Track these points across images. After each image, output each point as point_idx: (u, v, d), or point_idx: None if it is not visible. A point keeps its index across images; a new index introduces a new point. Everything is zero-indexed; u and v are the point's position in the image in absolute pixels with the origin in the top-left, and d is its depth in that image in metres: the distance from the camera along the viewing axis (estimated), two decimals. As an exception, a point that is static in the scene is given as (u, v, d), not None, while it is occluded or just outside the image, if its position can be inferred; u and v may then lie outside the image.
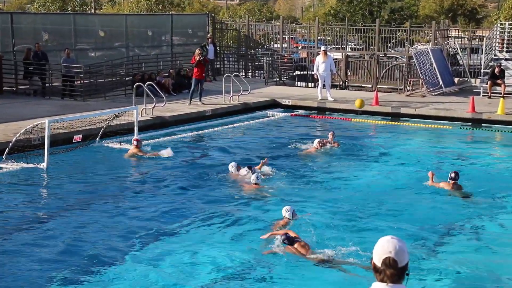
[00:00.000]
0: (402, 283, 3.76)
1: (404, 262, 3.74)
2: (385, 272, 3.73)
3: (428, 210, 11.65)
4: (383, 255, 3.74)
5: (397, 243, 3.75)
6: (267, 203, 11.81)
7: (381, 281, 3.77)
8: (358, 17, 39.66)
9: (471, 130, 20.32)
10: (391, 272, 3.72)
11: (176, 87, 24.84)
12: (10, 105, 20.26)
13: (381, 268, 3.74)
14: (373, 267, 3.80)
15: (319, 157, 15.78)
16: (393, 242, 3.75)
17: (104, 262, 8.93)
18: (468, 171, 14.62)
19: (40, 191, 12.61)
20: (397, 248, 3.73)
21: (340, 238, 9.91)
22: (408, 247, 3.76)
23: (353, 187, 13.16)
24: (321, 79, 23.71)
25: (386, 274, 3.73)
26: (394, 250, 3.72)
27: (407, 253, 3.77)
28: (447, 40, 29.10)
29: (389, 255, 3.73)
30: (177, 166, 14.43)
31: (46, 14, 27.63)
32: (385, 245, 3.76)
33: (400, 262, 3.72)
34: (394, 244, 3.74)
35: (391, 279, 3.73)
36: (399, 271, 3.73)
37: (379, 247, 3.78)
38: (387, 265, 3.73)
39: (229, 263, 9.01)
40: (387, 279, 3.74)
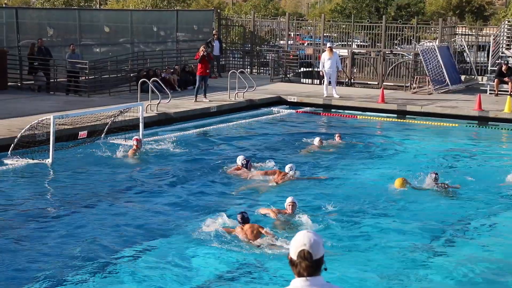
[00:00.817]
0: (319, 275, 3.86)
1: (319, 255, 3.85)
2: (301, 264, 3.84)
3: (431, 208, 11.68)
4: (298, 248, 3.85)
5: (312, 236, 3.87)
6: (273, 200, 11.87)
7: (298, 274, 3.86)
8: (364, 14, 39.65)
9: (478, 128, 20.31)
10: (306, 264, 3.83)
11: (181, 83, 24.88)
12: (14, 100, 20.34)
13: (297, 261, 3.85)
14: (289, 262, 3.89)
15: (323, 155, 15.80)
16: (308, 236, 3.87)
17: (108, 259, 8.98)
18: (474, 170, 14.63)
19: (45, 188, 12.66)
20: (312, 241, 3.85)
21: (340, 235, 9.96)
22: (410, 245, 3.83)
23: (356, 184, 13.18)
24: (326, 76, 23.73)
25: (302, 267, 3.84)
26: (309, 243, 3.84)
27: (322, 246, 3.88)
28: (454, 37, 29.06)
29: (304, 247, 3.84)
30: (181, 164, 14.47)
31: (51, 10, 27.69)
32: (300, 239, 3.87)
33: (315, 254, 3.83)
34: (309, 237, 3.86)
35: (307, 271, 3.83)
36: (314, 264, 3.84)
37: (294, 241, 3.89)
38: (302, 257, 3.84)
39: (232, 261, 9.06)
40: (303, 271, 3.84)
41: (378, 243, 9.83)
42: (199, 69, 21.80)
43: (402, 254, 9.39)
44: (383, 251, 9.53)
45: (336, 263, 8.77)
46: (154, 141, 16.74)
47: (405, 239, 10.00)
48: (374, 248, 9.63)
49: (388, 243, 9.84)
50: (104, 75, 24.03)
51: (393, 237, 10.12)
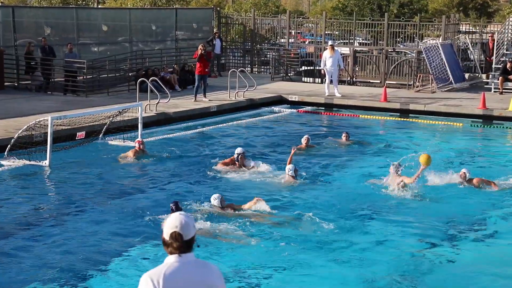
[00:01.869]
0: (190, 252, 4.28)
1: (190, 236, 4.26)
2: (172, 245, 4.24)
3: (435, 207, 11.65)
4: (170, 229, 4.24)
5: (183, 219, 4.25)
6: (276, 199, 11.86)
7: (170, 253, 4.27)
8: (366, 11, 39.63)
9: (482, 127, 20.28)
10: (177, 245, 4.24)
11: (181, 82, 24.87)
12: (11, 100, 20.33)
13: (169, 242, 4.25)
14: (163, 242, 4.28)
15: (325, 154, 15.79)
16: (179, 218, 4.26)
17: (105, 262, 8.96)
18: (479, 169, 14.60)
19: (42, 189, 12.64)
20: (183, 223, 4.24)
21: (343, 235, 9.94)
22: (414, 242, 3.82)
23: (358, 183, 13.15)
24: (328, 74, 23.71)
25: (173, 247, 4.25)
26: (180, 225, 4.23)
27: (193, 227, 4.27)
28: (457, 35, 29.03)
29: (175, 229, 4.23)
30: (181, 164, 14.44)
31: (48, 8, 27.70)
32: (172, 221, 4.25)
33: (186, 235, 4.24)
34: (180, 220, 4.25)
35: (179, 251, 4.25)
36: (185, 244, 4.25)
37: (167, 223, 4.27)
38: (173, 238, 4.23)
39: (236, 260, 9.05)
40: (175, 251, 4.25)
41: (381, 244, 9.82)
42: (198, 68, 21.79)
43: (409, 254, 9.40)
44: (387, 252, 9.52)
45: (339, 263, 8.73)
46: (153, 142, 16.74)
47: (409, 239, 9.99)
48: (376, 249, 9.62)
49: (392, 243, 9.83)
50: (102, 75, 24.01)
51: (400, 237, 10.12)
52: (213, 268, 4.40)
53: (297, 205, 11.64)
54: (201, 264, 4.34)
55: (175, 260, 4.26)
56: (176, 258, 4.26)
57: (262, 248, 9.55)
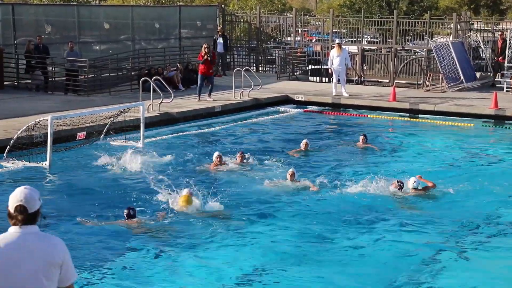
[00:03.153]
0: (34, 224, 4.52)
1: (34, 209, 4.51)
2: (17, 217, 4.49)
3: (442, 209, 11.62)
4: (15, 203, 4.49)
5: (27, 192, 4.53)
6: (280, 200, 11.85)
7: (14, 225, 4.50)
8: (374, 9, 39.58)
9: (494, 128, 20.22)
10: (22, 217, 4.48)
11: (184, 82, 24.87)
12: (11, 100, 20.36)
13: (14, 214, 4.50)
14: (8, 215, 4.52)
15: (332, 154, 15.77)
16: (24, 191, 4.53)
17: (106, 266, 8.96)
18: (490, 171, 14.57)
19: (42, 191, 12.60)
20: (27, 196, 4.51)
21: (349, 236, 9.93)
22: (419, 245, 3.80)
23: (366, 185, 13.11)
24: (335, 73, 23.67)
25: (18, 219, 4.48)
26: (24, 199, 4.49)
27: (37, 201, 4.54)
28: (468, 33, 28.96)
29: (20, 202, 4.49)
30: (183, 165, 14.44)
31: (48, 6, 27.67)
32: (17, 195, 4.51)
33: (30, 208, 4.49)
34: (25, 193, 4.52)
35: (23, 223, 4.48)
36: (30, 216, 4.50)
37: (12, 196, 4.53)
38: (18, 211, 4.48)
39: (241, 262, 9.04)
40: (19, 223, 4.48)
41: (388, 245, 9.81)
42: (201, 68, 21.80)
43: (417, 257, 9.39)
44: (394, 255, 9.52)
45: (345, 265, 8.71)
46: (155, 142, 16.75)
47: (416, 242, 9.98)
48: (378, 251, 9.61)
49: (397, 244, 9.82)
50: (104, 74, 24.03)
51: (406, 238, 10.10)
52: (56, 242, 4.56)
53: (303, 206, 11.64)
54: (42, 237, 4.53)
55: (15, 231, 4.49)
56: (16, 229, 4.48)
57: (263, 250, 9.55)
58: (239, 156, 14.42)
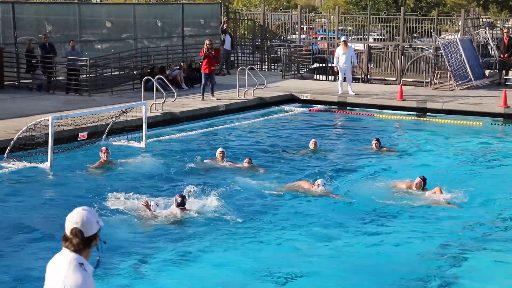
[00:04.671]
0: (87, 249, 4.39)
1: (91, 233, 4.36)
2: (72, 241, 4.35)
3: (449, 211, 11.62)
4: (71, 225, 4.35)
5: (85, 215, 4.35)
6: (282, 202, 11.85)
7: (66, 247, 4.37)
8: (381, 6, 39.49)
9: (503, 126, 20.18)
10: (76, 241, 4.34)
11: (188, 81, 24.89)
12: (11, 100, 20.39)
13: (69, 237, 4.36)
14: (63, 236, 4.39)
15: (341, 154, 15.77)
16: (81, 213, 4.35)
17: (107, 266, 8.98)
18: (500, 170, 14.54)
19: (43, 192, 12.65)
20: (84, 219, 4.34)
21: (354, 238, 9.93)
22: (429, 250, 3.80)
23: (372, 185, 13.10)
24: (341, 72, 23.66)
25: (72, 243, 4.35)
26: (81, 221, 4.33)
27: (95, 224, 4.37)
28: (477, 30, 28.90)
29: (76, 225, 4.33)
30: (186, 165, 14.44)
31: (49, 4, 27.66)
32: (74, 216, 4.36)
33: (86, 232, 4.35)
34: (82, 215, 4.34)
35: (76, 247, 4.35)
36: (85, 241, 4.36)
37: (69, 217, 4.37)
38: (73, 234, 4.34)
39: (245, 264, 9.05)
40: (72, 247, 4.35)
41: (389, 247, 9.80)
42: (203, 66, 21.81)
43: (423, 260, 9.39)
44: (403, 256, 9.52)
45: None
46: (158, 142, 16.78)
47: (420, 245, 9.98)
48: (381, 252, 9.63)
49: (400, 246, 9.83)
50: (106, 73, 24.07)
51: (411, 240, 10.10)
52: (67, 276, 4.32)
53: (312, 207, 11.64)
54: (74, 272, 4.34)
55: (63, 254, 4.39)
56: (65, 252, 4.38)
57: (274, 250, 9.55)
58: (246, 162, 14.24)
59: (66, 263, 4.35)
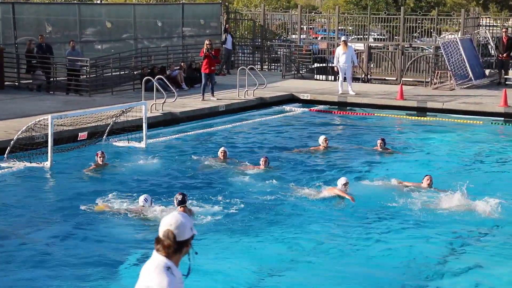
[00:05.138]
0: (178, 255, 4.33)
1: (184, 237, 4.33)
2: (163, 243, 4.32)
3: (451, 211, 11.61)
4: (164, 227, 4.33)
5: (179, 218, 4.33)
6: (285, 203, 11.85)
7: (157, 250, 4.34)
8: (381, 5, 39.47)
9: (504, 126, 20.17)
10: (167, 243, 4.31)
11: (188, 81, 24.89)
12: (11, 100, 20.40)
13: (161, 239, 4.33)
14: (156, 238, 4.37)
15: (341, 155, 15.76)
16: (175, 217, 4.35)
17: (109, 266, 8.98)
18: (500, 170, 14.53)
19: (43, 192, 12.66)
20: (178, 222, 4.32)
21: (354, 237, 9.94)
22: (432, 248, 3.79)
23: (373, 184, 13.10)
24: (341, 71, 23.65)
25: (163, 245, 4.32)
26: (175, 224, 4.31)
27: (189, 230, 4.33)
28: (477, 29, 28.90)
29: (169, 227, 4.31)
30: (186, 165, 14.45)
31: (49, 4, 27.67)
32: (168, 219, 4.35)
33: (179, 236, 4.31)
34: (176, 219, 4.33)
35: (167, 251, 4.31)
36: (177, 244, 4.31)
37: (163, 220, 4.36)
38: (165, 236, 4.32)
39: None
40: (163, 249, 4.32)
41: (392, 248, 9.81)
42: (203, 66, 21.81)
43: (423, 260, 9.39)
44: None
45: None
46: (158, 142, 16.78)
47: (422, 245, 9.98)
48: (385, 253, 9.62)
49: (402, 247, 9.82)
50: (106, 73, 24.07)
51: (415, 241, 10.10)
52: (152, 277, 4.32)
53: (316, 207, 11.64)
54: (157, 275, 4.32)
55: (153, 258, 4.37)
56: (155, 256, 4.35)
57: (274, 250, 9.55)
58: (263, 161, 13.99)
59: (153, 265, 4.34)
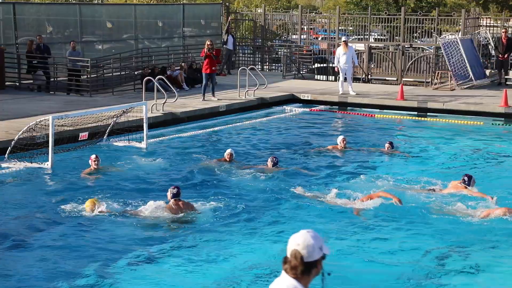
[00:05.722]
0: (306, 276, 4.02)
1: (312, 258, 4.02)
2: (291, 263, 4.03)
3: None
4: (291, 246, 4.05)
5: (308, 237, 4.03)
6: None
7: (285, 271, 4.05)
8: (382, 6, 39.47)
9: (504, 126, 20.16)
10: (294, 264, 4.02)
11: (189, 81, 24.89)
12: (12, 101, 20.39)
13: (289, 259, 4.05)
14: (283, 258, 4.08)
15: (340, 155, 15.75)
16: (303, 236, 4.04)
17: (109, 266, 8.97)
18: (501, 171, 14.52)
19: (44, 192, 12.64)
20: (306, 242, 4.02)
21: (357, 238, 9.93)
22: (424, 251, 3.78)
23: (375, 186, 13.08)
24: (342, 72, 23.65)
25: (291, 265, 4.03)
26: (302, 244, 4.01)
27: (318, 250, 4.02)
28: (478, 29, 28.88)
29: (296, 247, 4.02)
30: (186, 165, 14.44)
31: (50, 4, 27.68)
32: (296, 238, 4.06)
33: (306, 257, 4.01)
34: (305, 238, 4.03)
35: (294, 272, 4.02)
36: (305, 266, 4.01)
37: (291, 239, 4.07)
38: (293, 256, 4.03)
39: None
40: (290, 270, 4.02)
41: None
42: (204, 66, 21.81)
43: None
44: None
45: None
46: (159, 143, 16.78)
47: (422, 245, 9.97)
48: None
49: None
50: (107, 74, 24.07)
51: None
52: None
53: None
54: None
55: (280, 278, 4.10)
56: (283, 276, 4.08)
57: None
58: (270, 161, 13.89)
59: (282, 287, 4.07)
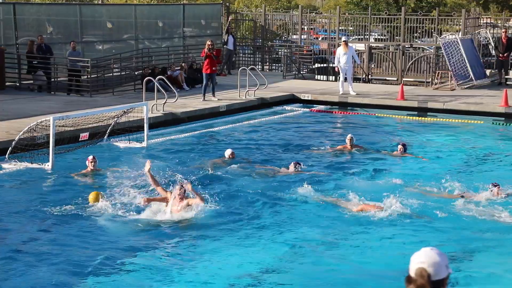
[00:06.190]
0: None
1: (439, 277, 3.76)
2: (416, 282, 3.77)
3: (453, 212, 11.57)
4: (416, 264, 3.79)
5: (433, 254, 3.79)
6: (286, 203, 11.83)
7: None
8: (382, 6, 39.47)
9: (504, 126, 20.15)
10: (421, 283, 3.75)
11: (189, 81, 24.88)
12: (13, 101, 20.39)
13: (414, 278, 3.78)
14: (406, 277, 3.82)
15: (340, 156, 15.74)
16: (429, 253, 3.80)
17: (110, 266, 8.96)
18: (501, 171, 14.50)
19: (44, 193, 12.63)
20: (432, 259, 3.77)
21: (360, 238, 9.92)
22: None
23: (376, 186, 13.06)
24: (342, 72, 23.64)
25: (417, 284, 3.76)
26: (427, 261, 3.77)
27: (444, 268, 3.77)
28: (478, 29, 28.88)
29: (421, 265, 3.77)
30: (187, 165, 14.43)
31: (50, 5, 27.70)
32: (420, 255, 3.81)
33: (433, 275, 3.75)
34: (429, 255, 3.79)
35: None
36: (432, 285, 3.75)
37: (413, 257, 3.83)
38: (418, 275, 3.77)
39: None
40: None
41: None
42: (205, 66, 21.81)
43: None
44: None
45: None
46: (160, 143, 16.78)
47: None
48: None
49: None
50: (107, 74, 24.06)
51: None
52: None
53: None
54: None
55: None
56: None
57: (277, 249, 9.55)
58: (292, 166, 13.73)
59: None
